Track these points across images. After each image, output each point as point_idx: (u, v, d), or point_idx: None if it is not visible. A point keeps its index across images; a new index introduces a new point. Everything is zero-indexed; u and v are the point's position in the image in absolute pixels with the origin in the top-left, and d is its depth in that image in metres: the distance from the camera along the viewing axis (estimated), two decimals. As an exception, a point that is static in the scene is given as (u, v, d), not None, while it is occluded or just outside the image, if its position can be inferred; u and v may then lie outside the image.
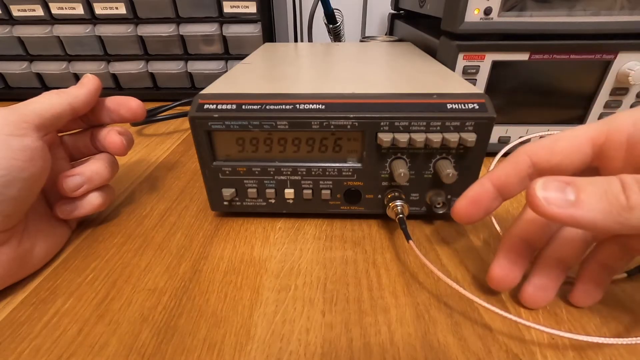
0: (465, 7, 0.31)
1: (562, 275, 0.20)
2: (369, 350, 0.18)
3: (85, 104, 0.25)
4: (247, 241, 0.26)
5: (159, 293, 0.22)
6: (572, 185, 0.15)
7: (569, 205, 0.15)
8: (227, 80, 0.29)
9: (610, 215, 0.14)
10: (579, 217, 0.14)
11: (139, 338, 0.19)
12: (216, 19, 0.52)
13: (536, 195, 0.15)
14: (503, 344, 0.18)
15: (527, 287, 0.20)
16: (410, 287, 0.22)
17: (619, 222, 0.14)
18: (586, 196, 0.15)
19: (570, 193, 0.15)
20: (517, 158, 0.19)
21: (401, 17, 0.63)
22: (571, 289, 0.21)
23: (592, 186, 0.15)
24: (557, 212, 0.15)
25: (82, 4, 0.51)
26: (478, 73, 0.34)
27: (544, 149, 0.18)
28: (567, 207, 0.15)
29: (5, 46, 0.54)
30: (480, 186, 0.20)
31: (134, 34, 0.53)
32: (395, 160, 0.25)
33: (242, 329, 0.19)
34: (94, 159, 0.26)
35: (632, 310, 0.20)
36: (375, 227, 0.27)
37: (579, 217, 0.14)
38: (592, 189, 0.15)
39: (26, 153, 0.20)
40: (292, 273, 0.23)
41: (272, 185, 0.26)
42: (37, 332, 0.19)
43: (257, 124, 0.24)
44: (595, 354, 0.18)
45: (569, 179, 0.15)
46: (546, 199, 0.15)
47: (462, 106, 0.23)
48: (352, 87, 0.26)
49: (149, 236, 0.27)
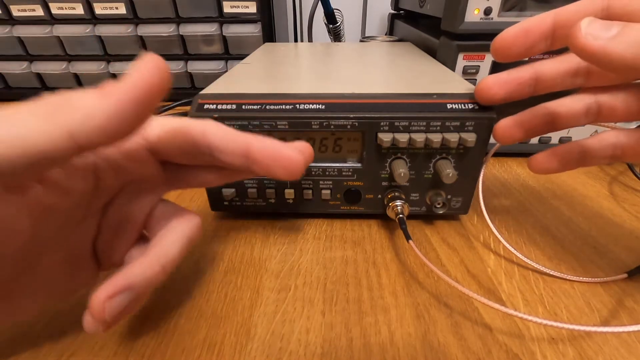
0: (465, 7, 0.31)
1: (543, 128, 0.20)
2: (369, 350, 0.18)
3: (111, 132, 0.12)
4: (247, 241, 0.26)
5: (159, 293, 0.22)
6: (620, 25, 0.14)
7: (606, 39, 0.14)
8: (227, 80, 0.29)
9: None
10: (610, 50, 0.14)
11: (139, 338, 0.19)
12: (216, 19, 0.52)
13: (579, 25, 0.15)
14: (503, 343, 0.18)
15: (506, 119, 0.20)
16: (410, 287, 0.22)
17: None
18: (628, 30, 0.14)
19: (614, 29, 0.14)
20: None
21: (401, 17, 0.63)
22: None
23: (639, 25, 0.14)
24: (591, 43, 0.14)
25: (82, 4, 0.51)
26: (478, 73, 0.34)
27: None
28: (603, 40, 0.14)
29: (5, 46, 0.54)
30: (539, 18, 0.19)
31: (134, 34, 0.53)
32: (395, 160, 0.25)
33: (242, 329, 0.19)
34: (162, 239, 0.17)
35: (632, 310, 0.20)
36: (375, 227, 0.27)
37: (610, 50, 0.14)
38: (638, 27, 0.14)
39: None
40: (292, 273, 0.23)
41: (272, 185, 0.26)
42: (37, 332, 0.19)
43: (257, 124, 0.24)
44: (595, 354, 0.18)
45: (623, 22, 0.15)
46: (586, 29, 0.15)
47: (462, 106, 0.23)
48: (352, 87, 0.25)
49: (149, 236, 0.27)
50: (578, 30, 0.15)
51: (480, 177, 0.25)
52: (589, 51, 0.15)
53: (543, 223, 0.28)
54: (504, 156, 0.39)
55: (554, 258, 0.24)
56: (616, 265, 0.24)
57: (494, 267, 0.23)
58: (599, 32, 0.15)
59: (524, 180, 0.34)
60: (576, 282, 0.22)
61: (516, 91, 0.20)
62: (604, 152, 0.20)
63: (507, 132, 0.22)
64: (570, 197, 0.31)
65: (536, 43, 0.19)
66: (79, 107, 0.11)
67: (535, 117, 0.21)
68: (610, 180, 0.34)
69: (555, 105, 0.20)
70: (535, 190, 0.32)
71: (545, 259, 0.24)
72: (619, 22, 0.15)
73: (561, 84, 0.20)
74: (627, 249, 0.25)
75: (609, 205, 0.30)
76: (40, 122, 0.11)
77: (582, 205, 0.30)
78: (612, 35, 0.14)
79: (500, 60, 0.20)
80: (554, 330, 0.19)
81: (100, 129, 0.11)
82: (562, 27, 0.18)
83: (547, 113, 0.20)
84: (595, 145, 0.20)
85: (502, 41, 0.20)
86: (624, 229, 0.27)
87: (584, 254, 0.25)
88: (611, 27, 0.15)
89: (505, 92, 0.20)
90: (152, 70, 0.12)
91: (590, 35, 0.15)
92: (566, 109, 0.20)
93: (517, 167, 0.36)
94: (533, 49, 0.19)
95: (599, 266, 0.24)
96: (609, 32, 0.14)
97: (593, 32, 0.15)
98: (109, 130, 0.12)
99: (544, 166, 0.21)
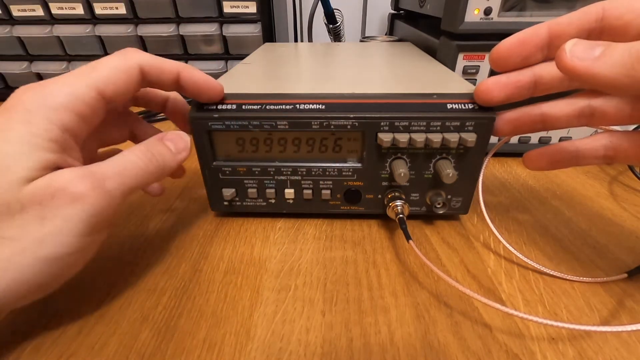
0: (465, 7, 0.31)
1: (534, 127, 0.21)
2: (369, 350, 0.18)
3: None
4: (247, 241, 0.26)
5: (159, 293, 0.22)
6: (604, 45, 0.15)
7: (591, 59, 0.15)
8: (227, 80, 0.29)
9: (624, 68, 0.14)
10: (596, 71, 0.14)
11: (139, 338, 0.19)
12: (216, 19, 0.52)
13: (564, 47, 0.15)
14: (503, 343, 0.18)
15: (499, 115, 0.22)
16: (410, 287, 0.22)
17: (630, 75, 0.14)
18: (611, 51, 0.14)
19: (598, 49, 0.15)
20: (588, 7, 0.18)
21: (401, 17, 0.63)
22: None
23: (623, 45, 0.14)
24: (577, 64, 0.15)
25: (82, 4, 0.51)
26: (478, 73, 0.34)
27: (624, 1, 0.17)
28: (588, 61, 0.15)
29: (5, 46, 0.54)
30: (534, 29, 0.19)
31: (134, 34, 0.53)
32: (395, 160, 0.25)
33: (242, 329, 0.19)
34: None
35: (632, 310, 0.20)
36: (375, 227, 0.27)
37: (596, 70, 0.15)
38: (622, 46, 0.14)
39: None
40: (292, 273, 0.23)
41: (272, 185, 0.26)
42: (37, 332, 0.19)
43: (257, 124, 0.24)
44: (595, 353, 0.18)
45: (607, 42, 0.15)
46: (571, 51, 0.15)
47: (462, 106, 0.23)
48: (352, 87, 0.25)
49: (149, 236, 0.27)
50: (563, 52, 0.15)
51: (480, 177, 0.25)
52: (575, 72, 0.15)
53: (543, 223, 0.28)
54: (504, 156, 0.39)
55: (554, 258, 0.24)
56: (616, 265, 0.24)
57: (494, 267, 0.23)
58: (584, 53, 0.15)
59: (524, 180, 0.34)
60: (576, 282, 0.22)
61: (515, 94, 0.21)
62: (596, 153, 0.20)
63: (497, 127, 0.22)
64: (570, 197, 0.31)
65: (532, 54, 0.19)
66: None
67: (528, 116, 0.21)
68: (610, 180, 0.34)
69: (549, 106, 0.20)
70: (535, 190, 0.32)
71: (545, 259, 0.24)
72: (604, 43, 0.15)
73: (559, 87, 0.20)
74: (627, 249, 0.25)
75: (609, 205, 0.30)
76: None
77: (582, 205, 0.30)
78: (596, 56, 0.15)
79: (499, 70, 0.21)
80: (554, 330, 0.19)
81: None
82: (557, 37, 0.19)
83: (540, 113, 0.21)
84: (587, 145, 0.20)
85: (498, 53, 0.20)
86: (624, 229, 0.27)
87: (584, 254, 0.25)
88: (595, 47, 0.15)
89: (505, 94, 0.21)
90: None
91: (575, 57, 0.15)
92: (559, 111, 0.20)
93: (517, 167, 0.36)
94: (530, 59, 0.20)
95: (599, 266, 0.24)
96: (594, 53, 0.15)
97: (578, 53, 0.15)
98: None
99: (534, 164, 0.22)
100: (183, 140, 0.22)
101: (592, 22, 0.18)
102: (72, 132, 0.17)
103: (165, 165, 0.21)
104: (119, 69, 0.19)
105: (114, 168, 0.18)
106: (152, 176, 0.20)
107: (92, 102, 0.18)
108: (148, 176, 0.20)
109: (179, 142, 0.22)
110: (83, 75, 0.18)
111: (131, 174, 0.19)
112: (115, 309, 0.21)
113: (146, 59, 0.20)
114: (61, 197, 0.16)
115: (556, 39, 0.19)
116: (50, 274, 0.17)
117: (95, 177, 0.17)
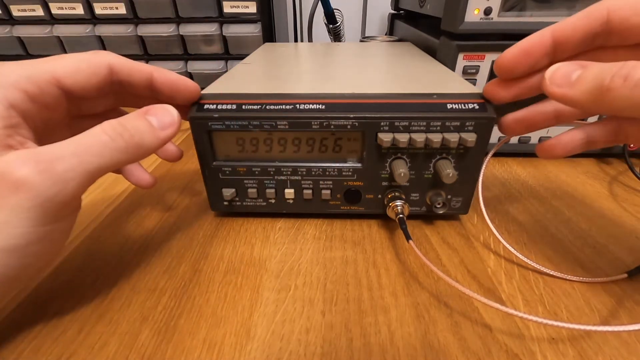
0: (465, 7, 0.31)
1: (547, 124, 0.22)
2: (369, 350, 0.18)
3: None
4: (247, 241, 0.26)
5: (159, 293, 0.22)
6: (581, 68, 0.15)
7: (567, 85, 0.15)
8: (227, 80, 0.29)
9: (591, 95, 0.15)
10: (571, 96, 0.15)
11: (139, 338, 0.19)
12: (216, 19, 0.52)
13: (545, 75, 0.16)
14: (503, 343, 0.18)
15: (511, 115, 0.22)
16: (410, 287, 0.22)
17: (594, 100, 0.15)
18: (585, 75, 0.15)
19: (574, 74, 0.15)
20: (592, 10, 0.17)
21: (401, 17, 0.63)
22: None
23: (599, 67, 0.15)
24: (555, 91, 0.16)
25: (82, 4, 0.51)
26: (478, 73, 0.34)
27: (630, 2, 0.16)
28: (565, 87, 0.16)
29: (5, 46, 0.54)
30: (537, 38, 0.19)
31: (134, 34, 0.53)
32: (395, 160, 0.25)
33: (242, 329, 0.19)
34: None
35: (632, 310, 0.20)
36: (375, 227, 0.27)
37: (571, 96, 0.15)
38: (597, 68, 0.15)
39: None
40: (292, 273, 0.23)
41: (272, 185, 0.26)
42: (37, 332, 0.19)
43: (257, 124, 0.24)
44: (595, 353, 0.18)
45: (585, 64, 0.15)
46: (550, 79, 0.16)
47: (462, 106, 0.23)
48: (352, 87, 0.25)
49: (148, 236, 0.27)
50: (545, 80, 0.17)
51: (480, 177, 0.25)
52: (555, 98, 0.16)
53: (543, 223, 0.28)
54: (504, 156, 0.39)
55: (554, 258, 0.24)
56: (616, 265, 0.24)
57: (494, 267, 0.23)
58: (562, 79, 0.16)
59: (524, 180, 0.34)
60: (576, 282, 0.22)
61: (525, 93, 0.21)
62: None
63: (512, 127, 0.23)
64: (570, 197, 0.31)
65: (538, 61, 0.19)
66: None
67: (542, 114, 0.22)
68: (610, 180, 0.34)
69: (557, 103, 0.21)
70: (535, 190, 0.32)
71: (545, 259, 0.24)
72: (582, 65, 0.15)
73: None
74: (627, 249, 0.25)
75: (609, 205, 0.30)
76: None
77: (582, 205, 0.30)
78: (572, 82, 0.15)
79: (505, 78, 0.21)
80: (554, 330, 0.19)
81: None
82: (563, 43, 0.19)
83: (554, 109, 0.21)
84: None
85: (503, 64, 0.20)
86: (624, 229, 0.27)
87: (584, 254, 0.25)
88: (573, 73, 0.16)
89: (515, 92, 0.21)
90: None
91: (554, 85, 0.16)
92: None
93: (517, 167, 0.36)
94: (536, 66, 0.20)
95: (599, 266, 0.24)
96: (570, 79, 0.16)
97: (556, 80, 0.16)
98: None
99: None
100: (169, 114, 0.19)
101: (597, 27, 0.17)
102: (19, 109, 0.17)
103: (143, 142, 0.18)
104: (83, 62, 0.19)
105: (70, 147, 0.16)
106: (124, 155, 0.17)
107: (45, 85, 0.17)
108: (118, 155, 0.17)
109: (164, 116, 0.19)
110: (44, 62, 0.18)
111: (94, 152, 0.16)
112: (115, 309, 0.21)
113: (117, 59, 0.20)
114: (3, 183, 0.15)
115: (561, 45, 0.19)
116: (12, 266, 0.16)
117: (40, 158, 0.15)
